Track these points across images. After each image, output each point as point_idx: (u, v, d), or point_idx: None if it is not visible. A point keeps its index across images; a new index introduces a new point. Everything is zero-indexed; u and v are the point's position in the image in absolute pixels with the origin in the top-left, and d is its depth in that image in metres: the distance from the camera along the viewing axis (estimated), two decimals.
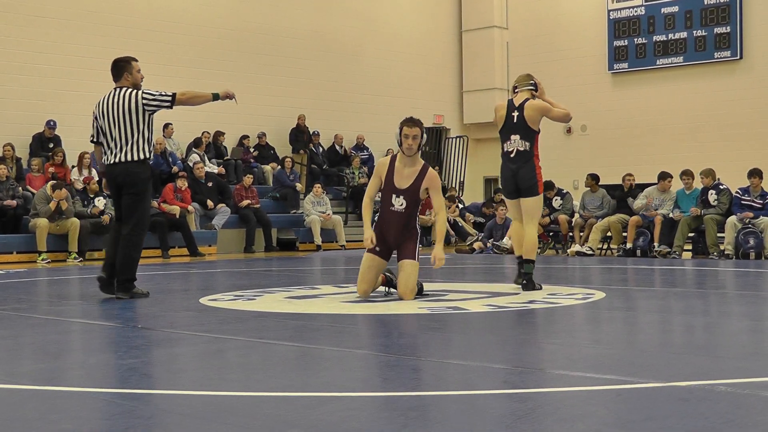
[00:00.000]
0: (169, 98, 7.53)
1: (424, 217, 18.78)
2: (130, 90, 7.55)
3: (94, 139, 7.71)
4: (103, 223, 14.72)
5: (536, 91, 8.13)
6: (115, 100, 7.52)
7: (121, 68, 7.74)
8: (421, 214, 18.55)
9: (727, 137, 20.00)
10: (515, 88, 8.23)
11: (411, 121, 7.13)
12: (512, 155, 8.03)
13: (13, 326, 6.08)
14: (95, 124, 7.69)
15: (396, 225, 7.23)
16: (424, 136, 7.29)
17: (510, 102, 8.16)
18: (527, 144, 7.99)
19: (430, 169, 7.28)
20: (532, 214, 8.13)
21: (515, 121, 8.01)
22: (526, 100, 8.04)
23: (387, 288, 7.48)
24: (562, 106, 8.26)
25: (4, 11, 16.64)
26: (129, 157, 7.45)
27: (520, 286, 7.99)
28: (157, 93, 7.55)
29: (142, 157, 7.47)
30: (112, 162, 7.51)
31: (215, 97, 7.72)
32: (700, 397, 3.42)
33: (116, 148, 7.48)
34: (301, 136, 20.09)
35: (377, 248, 7.22)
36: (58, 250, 14.40)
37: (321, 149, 20.56)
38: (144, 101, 7.48)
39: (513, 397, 3.55)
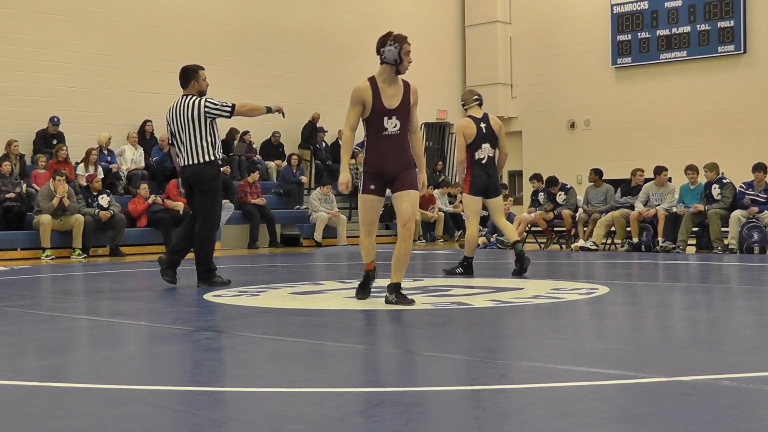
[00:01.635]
0: (229, 109, 8.29)
1: (427, 212, 18.82)
2: (195, 98, 8.23)
3: (170, 142, 8.46)
4: (102, 219, 14.70)
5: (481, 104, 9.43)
6: (182, 107, 8.23)
7: (189, 76, 8.36)
8: (423, 210, 18.71)
9: (731, 131, 19.96)
10: (464, 104, 9.47)
11: (406, 37, 6.84)
12: (484, 161, 9.11)
13: (17, 323, 6.09)
14: (168, 129, 8.42)
15: (394, 150, 6.64)
16: None
17: (473, 117, 9.22)
18: (493, 150, 9.20)
19: (410, 82, 7.00)
20: (501, 210, 9.60)
21: (485, 131, 9.12)
22: (485, 113, 9.30)
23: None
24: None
25: (8, 8, 16.64)
26: (196, 159, 8.21)
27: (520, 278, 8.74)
28: (219, 103, 8.26)
29: (208, 159, 8.21)
30: (183, 164, 8.30)
31: (268, 110, 8.49)
32: (704, 392, 3.42)
33: (185, 150, 8.24)
34: (315, 133, 20.19)
35: (372, 187, 6.59)
36: (62, 247, 14.42)
37: (324, 144, 20.56)
38: (206, 109, 8.18)
39: (517, 392, 3.56)
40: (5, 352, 4.84)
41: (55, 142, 16.29)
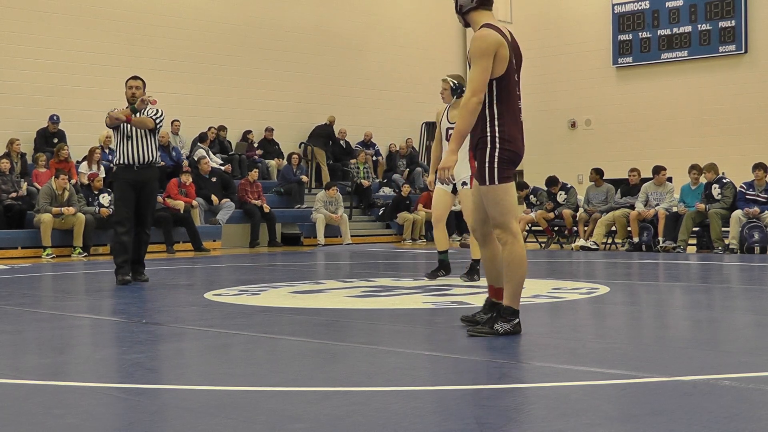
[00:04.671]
0: None
1: (431, 211, 18.79)
2: None
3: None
4: (102, 216, 14.70)
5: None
6: None
7: None
8: (426, 208, 18.69)
9: (732, 131, 19.96)
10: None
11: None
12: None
13: (18, 321, 6.09)
14: None
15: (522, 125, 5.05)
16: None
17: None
18: None
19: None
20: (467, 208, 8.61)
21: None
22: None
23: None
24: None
25: (8, 7, 16.65)
26: None
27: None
28: None
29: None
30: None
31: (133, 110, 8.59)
32: (704, 392, 3.42)
33: None
34: (333, 136, 20.23)
35: (509, 175, 4.92)
36: (62, 245, 14.42)
37: (346, 143, 20.63)
38: None
39: (517, 392, 3.56)
40: (6, 351, 4.84)
41: (55, 140, 16.29)
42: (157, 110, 8.70)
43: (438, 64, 23.42)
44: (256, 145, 19.60)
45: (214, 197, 16.70)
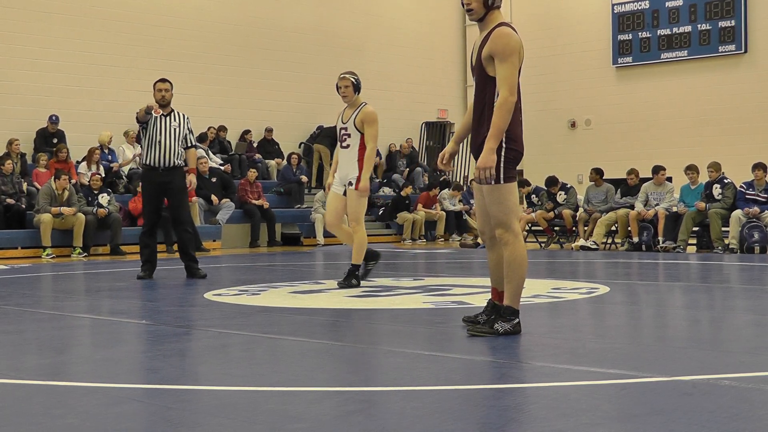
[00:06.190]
0: None
1: (431, 211, 18.82)
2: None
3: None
4: (99, 216, 14.69)
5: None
6: None
7: None
8: (426, 208, 18.71)
9: (732, 131, 19.96)
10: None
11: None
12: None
13: (17, 321, 6.09)
14: None
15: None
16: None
17: None
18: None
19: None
20: (352, 209, 8.08)
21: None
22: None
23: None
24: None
25: (8, 7, 16.65)
26: None
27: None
28: None
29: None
30: None
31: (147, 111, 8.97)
32: (704, 392, 3.42)
33: None
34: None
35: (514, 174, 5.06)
36: (62, 245, 14.42)
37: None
38: None
39: (517, 391, 3.56)
40: (5, 351, 4.84)
41: (55, 140, 16.30)
42: (183, 117, 9.17)
43: (438, 64, 23.44)
44: (255, 145, 19.61)
45: (213, 197, 16.70)
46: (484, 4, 4.88)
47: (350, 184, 7.96)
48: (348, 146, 8.04)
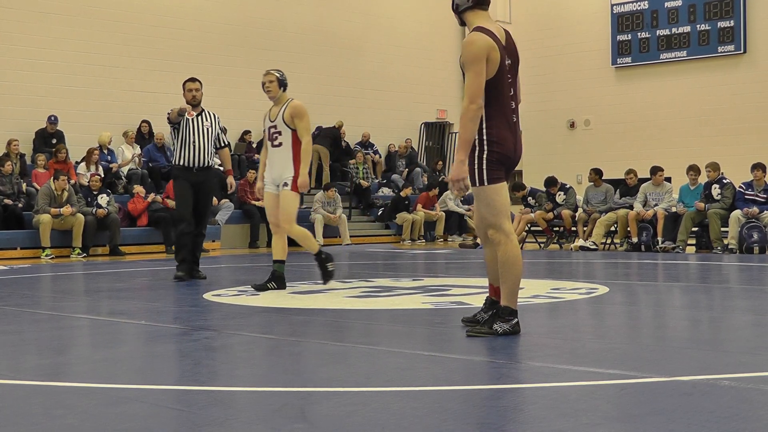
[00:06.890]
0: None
1: (431, 212, 18.82)
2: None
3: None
4: (98, 216, 14.68)
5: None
6: None
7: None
8: (425, 209, 18.71)
9: (731, 131, 19.97)
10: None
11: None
12: None
13: (17, 322, 6.09)
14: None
15: (518, 127, 5.14)
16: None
17: None
18: None
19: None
20: (284, 209, 7.81)
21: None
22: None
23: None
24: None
25: (7, 7, 16.65)
26: None
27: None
28: None
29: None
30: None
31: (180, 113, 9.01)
32: (703, 392, 3.42)
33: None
34: (340, 139, 20.25)
35: (500, 175, 4.99)
36: (61, 246, 14.41)
37: (346, 144, 20.64)
38: None
39: (516, 392, 3.56)
40: (5, 352, 4.84)
41: (54, 141, 16.29)
42: (214, 116, 9.18)
43: (437, 64, 23.44)
44: (255, 145, 19.60)
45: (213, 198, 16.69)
46: (453, 8, 5.05)
47: (285, 185, 7.72)
48: (280, 144, 7.86)
